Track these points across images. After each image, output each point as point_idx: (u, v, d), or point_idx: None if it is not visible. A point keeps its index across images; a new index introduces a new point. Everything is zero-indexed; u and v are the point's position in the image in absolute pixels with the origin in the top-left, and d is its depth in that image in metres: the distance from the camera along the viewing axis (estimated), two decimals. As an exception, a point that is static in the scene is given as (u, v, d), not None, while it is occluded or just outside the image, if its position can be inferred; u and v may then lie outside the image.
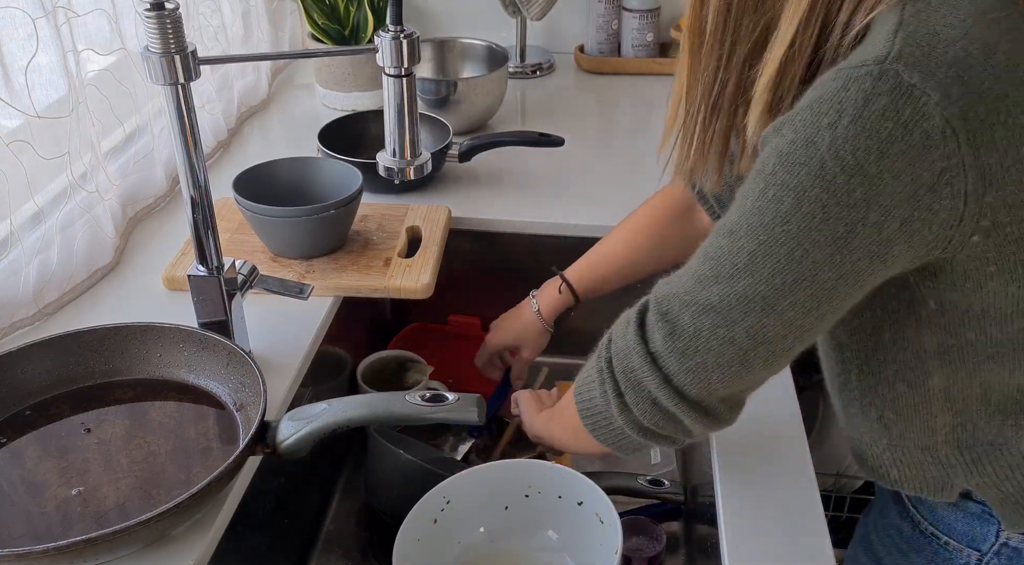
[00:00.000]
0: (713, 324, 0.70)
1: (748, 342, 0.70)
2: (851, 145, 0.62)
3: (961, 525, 0.84)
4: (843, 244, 0.65)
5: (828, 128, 0.62)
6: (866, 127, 0.61)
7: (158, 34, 0.78)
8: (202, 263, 0.92)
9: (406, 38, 0.83)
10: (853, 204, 0.63)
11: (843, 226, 0.64)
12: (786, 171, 0.65)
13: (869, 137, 0.61)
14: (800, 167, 0.64)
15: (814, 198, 0.64)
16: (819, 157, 0.63)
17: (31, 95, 0.99)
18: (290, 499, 1.07)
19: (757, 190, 0.67)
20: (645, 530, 1.09)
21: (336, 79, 1.61)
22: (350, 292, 1.12)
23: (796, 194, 0.64)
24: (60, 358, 0.91)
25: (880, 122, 0.61)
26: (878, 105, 0.61)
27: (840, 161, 0.62)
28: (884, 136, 0.61)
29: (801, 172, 0.64)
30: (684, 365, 0.72)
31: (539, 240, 1.31)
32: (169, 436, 0.86)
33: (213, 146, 1.45)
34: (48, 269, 1.05)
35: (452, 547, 0.96)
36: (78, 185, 1.09)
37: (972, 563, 0.84)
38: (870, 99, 0.61)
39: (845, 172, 0.62)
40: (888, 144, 0.61)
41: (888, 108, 0.61)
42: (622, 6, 1.80)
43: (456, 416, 0.82)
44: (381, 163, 0.93)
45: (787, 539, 0.81)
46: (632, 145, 1.54)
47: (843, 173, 0.62)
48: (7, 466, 0.82)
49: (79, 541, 0.69)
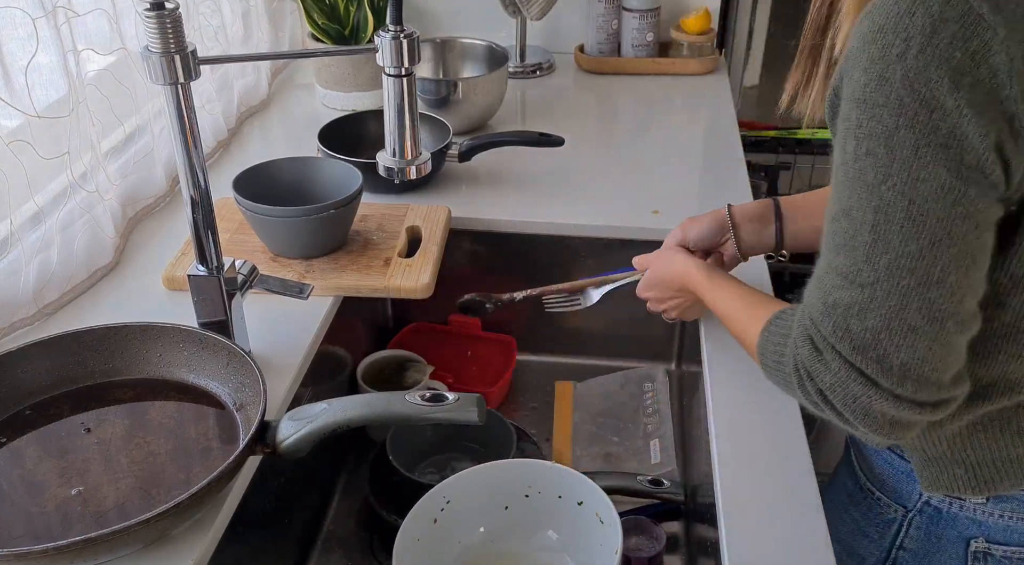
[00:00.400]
0: (885, 319, 0.65)
1: (929, 324, 0.65)
2: (923, 76, 0.60)
3: (892, 482, 0.89)
4: (952, 190, 0.61)
5: (898, 59, 0.60)
6: (936, 56, 0.59)
7: (158, 34, 0.78)
8: (202, 263, 0.92)
9: (406, 38, 0.83)
10: (943, 143, 0.61)
11: (944, 169, 0.61)
12: (869, 118, 0.62)
13: (940, 67, 0.59)
14: (881, 109, 0.61)
15: (903, 140, 0.61)
16: (896, 94, 0.61)
17: (31, 95, 0.99)
18: (290, 499, 1.07)
19: (851, 150, 0.64)
20: (645, 530, 1.09)
21: (336, 79, 1.61)
22: (350, 292, 1.12)
23: (886, 141, 0.62)
24: (60, 358, 0.90)
25: (950, 51, 0.59)
26: (947, 32, 0.59)
27: (916, 95, 0.60)
28: (955, 66, 0.59)
29: (883, 114, 0.61)
30: (892, 375, 0.67)
31: (539, 240, 1.31)
32: (169, 436, 0.86)
33: (213, 146, 1.45)
34: (48, 269, 1.05)
35: (452, 547, 0.96)
36: (78, 185, 1.09)
37: (899, 518, 0.89)
38: (938, 26, 0.59)
39: (925, 107, 0.60)
40: (959, 75, 0.59)
41: (957, 36, 0.59)
42: (622, 6, 1.80)
43: (456, 416, 0.82)
44: (381, 163, 0.93)
45: (787, 539, 0.81)
46: (632, 145, 1.54)
47: (924, 108, 0.60)
48: (7, 466, 0.82)
49: (79, 541, 0.69)
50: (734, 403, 0.96)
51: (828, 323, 0.68)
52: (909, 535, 0.90)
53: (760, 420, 0.94)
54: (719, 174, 1.44)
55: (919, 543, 0.89)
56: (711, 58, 1.82)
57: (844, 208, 0.66)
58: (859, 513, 0.94)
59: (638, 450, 1.25)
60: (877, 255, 0.64)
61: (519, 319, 1.40)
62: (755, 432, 0.92)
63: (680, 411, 1.31)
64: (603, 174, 1.43)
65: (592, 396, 1.35)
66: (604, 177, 1.42)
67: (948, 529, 0.87)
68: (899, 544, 0.91)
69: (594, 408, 1.33)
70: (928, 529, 0.88)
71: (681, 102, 1.72)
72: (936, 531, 0.87)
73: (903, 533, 0.90)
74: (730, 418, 0.94)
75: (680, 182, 1.41)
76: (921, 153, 0.61)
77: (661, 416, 1.28)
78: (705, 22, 1.80)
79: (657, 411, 1.29)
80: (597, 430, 1.30)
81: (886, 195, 0.63)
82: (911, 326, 0.65)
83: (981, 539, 0.85)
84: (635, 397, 1.32)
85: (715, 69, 1.83)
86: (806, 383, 0.72)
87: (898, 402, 0.67)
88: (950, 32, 0.59)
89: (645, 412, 1.30)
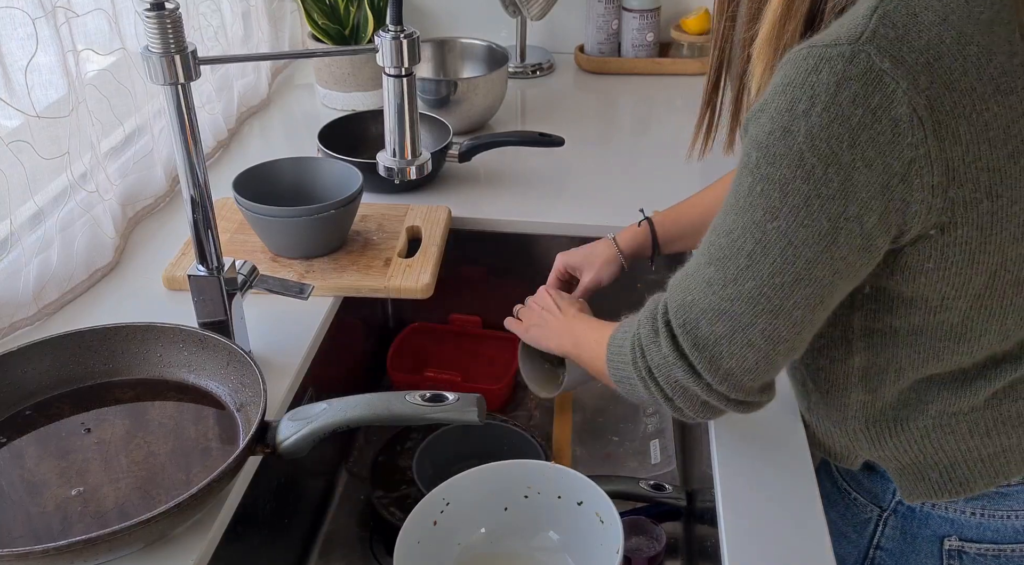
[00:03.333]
0: (730, 330, 0.72)
1: (766, 344, 0.72)
2: (825, 133, 0.63)
3: (868, 483, 0.91)
4: (830, 241, 0.66)
5: (803, 116, 0.63)
6: (839, 114, 0.62)
7: (158, 34, 0.78)
8: (202, 263, 0.92)
9: (406, 38, 0.83)
10: (832, 196, 0.65)
11: (827, 220, 0.65)
12: (768, 164, 0.66)
13: (841, 125, 0.63)
14: (781, 159, 0.65)
15: (797, 190, 0.65)
16: (797, 147, 0.64)
17: (31, 95, 0.99)
18: (290, 499, 1.07)
19: (746, 185, 0.68)
20: (645, 530, 1.09)
21: (336, 79, 1.61)
22: (350, 292, 1.12)
23: (780, 187, 0.66)
24: (60, 358, 0.90)
25: (851, 109, 0.62)
26: (849, 91, 0.62)
27: (816, 151, 0.64)
28: (855, 123, 0.62)
29: (783, 164, 0.65)
30: (717, 374, 0.74)
31: (539, 240, 1.31)
32: (169, 436, 0.86)
33: (213, 146, 1.45)
34: (48, 269, 1.05)
35: (452, 548, 0.96)
36: (78, 185, 1.08)
37: (874, 518, 0.92)
38: (841, 85, 0.62)
39: (822, 162, 0.64)
40: (859, 132, 0.63)
41: (858, 94, 0.62)
42: (622, 6, 1.80)
43: (456, 416, 0.82)
44: (381, 163, 0.93)
45: (787, 539, 0.81)
46: (632, 145, 1.54)
47: (820, 163, 0.64)
48: (7, 466, 0.82)
49: (79, 541, 0.69)
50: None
51: (680, 316, 0.75)
52: (885, 535, 0.91)
53: (760, 420, 0.94)
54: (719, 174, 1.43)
55: (895, 543, 0.91)
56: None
57: (728, 229, 0.70)
58: (836, 514, 0.95)
59: (638, 450, 1.25)
60: (744, 280, 0.70)
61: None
62: (755, 432, 0.92)
63: (680, 411, 1.31)
64: (603, 174, 1.43)
65: (592, 396, 1.35)
66: (604, 177, 1.42)
67: (922, 528, 0.88)
68: (876, 544, 0.93)
69: (594, 408, 1.33)
70: (903, 528, 0.90)
71: (681, 102, 1.72)
72: (911, 530, 0.89)
73: (879, 533, 0.92)
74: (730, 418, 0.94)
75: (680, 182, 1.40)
76: (810, 203, 0.65)
77: (661, 416, 1.28)
78: (705, 22, 1.80)
79: (657, 411, 1.29)
80: (597, 430, 1.30)
81: (770, 233, 0.67)
82: (750, 342, 0.72)
83: (955, 537, 0.87)
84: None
85: (715, 69, 1.83)
86: (639, 359, 0.79)
87: (712, 394, 0.75)
88: (852, 91, 0.62)
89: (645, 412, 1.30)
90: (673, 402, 0.78)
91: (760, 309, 0.70)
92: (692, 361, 0.74)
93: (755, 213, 0.68)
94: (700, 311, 0.73)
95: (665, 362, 0.76)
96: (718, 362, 0.73)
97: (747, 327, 0.71)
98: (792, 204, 0.66)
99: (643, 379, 0.79)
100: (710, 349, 0.73)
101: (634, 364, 0.80)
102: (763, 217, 0.67)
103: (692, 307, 0.74)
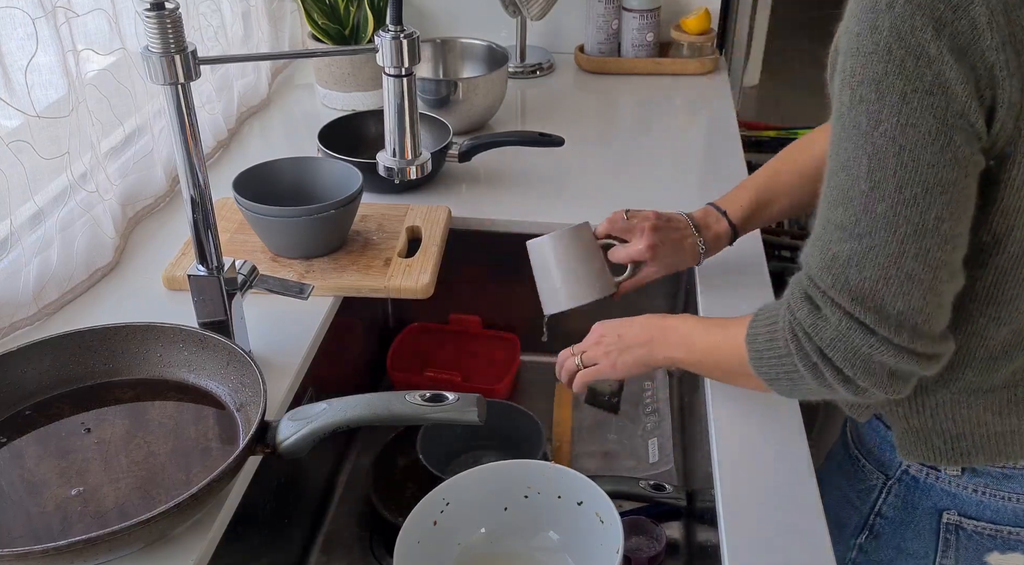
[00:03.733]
0: (883, 268, 0.69)
1: (925, 271, 0.68)
2: (909, 24, 0.63)
3: (877, 450, 0.92)
4: (945, 140, 0.65)
5: (887, 10, 0.64)
6: (921, 5, 0.63)
7: (158, 34, 0.78)
8: (202, 263, 0.92)
9: (406, 38, 0.83)
10: (928, 90, 0.64)
11: (932, 117, 0.65)
12: (861, 66, 0.66)
13: (924, 16, 0.63)
14: (871, 56, 0.65)
15: (891, 86, 0.65)
16: (884, 42, 0.64)
17: (31, 95, 0.99)
18: (290, 499, 1.07)
19: (845, 101, 0.68)
20: (645, 530, 1.09)
21: (336, 79, 1.61)
22: (350, 292, 1.12)
23: (876, 87, 0.65)
24: (60, 358, 0.90)
25: (932, 2, 0.63)
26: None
27: (903, 42, 0.64)
28: (937, 16, 0.63)
29: (873, 61, 0.65)
30: (889, 323, 0.70)
31: (539, 240, 1.31)
32: (169, 436, 0.86)
33: (213, 146, 1.45)
34: (48, 269, 1.05)
35: (452, 549, 0.96)
36: (78, 185, 1.08)
37: (879, 485, 0.93)
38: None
39: (911, 54, 0.64)
40: (941, 26, 0.63)
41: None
42: (622, 6, 1.80)
43: (456, 416, 0.82)
44: (381, 163, 0.93)
45: (787, 539, 0.81)
46: (632, 145, 1.54)
47: (910, 55, 0.64)
48: (7, 466, 0.82)
49: (79, 541, 0.69)
50: (734, 403, 0.96)
51: (827, 276, 0.71)
52: (887, 502, 0.93)
53: (760, 420, 0.94)
54: (719, 174, 1.44)
55: (896, 511, 0.92)
56: (711, 58, 1.82)
57: (842, 163, 0.69)
58: (845, 480, 0.97)
59: (636, 448, 1.25)
60: (873, 203, 0.67)
61: (520, 319, 1.40)
62: (755, 432, 0.92)
63: (680, 410, 1.31)
64: (603, 174, 1.43)
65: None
66: (604, 177, 1.42)
67: (923, 499, 0.89)
68: (877, 510, 0.94)
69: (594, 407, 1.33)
70: (905, 497, 0.91)
71: (681, 102, 1.72)
72: (912, 500, 0.90)
73: (882, 499, 0.93)
74: (730, 418, 0.94)
75: (680, 182, 1.41)
76: (908, 99, 0.65)
77: (660, 415, 1.28)
78: (705, 22, 1.80)
79: (656, 410, 1.29)
80: (596, 428, 1.30)
81: (878, 141, 0.66)
82: (908, 274, 0.68)
83: (954, 512, 0.88)
84: (635, 395, 1.32)
85: (715, 69, 1.83)
86: (804, 344, 0.74)
87: (896, 351, 0.70)
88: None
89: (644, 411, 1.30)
90: (854, 382, 0.73)
91: (902, 232, 0.67)
92: (861, 319, 0.70)
93: (859, 126, 0.67)
94: (845, 261, 0.70)
95: (839, 334, 0.72)
96: (885, 309, 0.69)
97: (898, 258, 0.68)
98: (890, 103, 0.65)
99: (812, 366, 0.74)
100: (871, 297, 0.69)
101: (799, 353, 0.75)
102: (868, 127, 0.66)
103: (835, 261, 0.71)
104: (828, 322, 0.72)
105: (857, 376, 0.73)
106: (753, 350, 0.81)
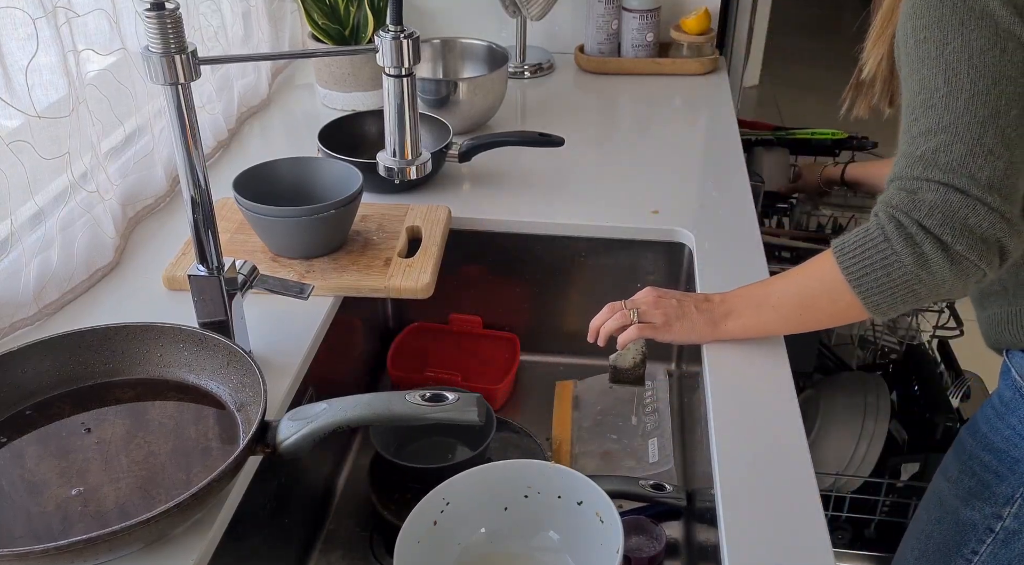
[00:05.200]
0: (968, 146, 0.80)
1: (1003, 148, 0.80)
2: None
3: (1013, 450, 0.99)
4: (1003, 47, 0.79)
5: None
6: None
7: (158, 34, 0.78)
8: (202, 263, 0.92)
9: (406, 38, 0.83)
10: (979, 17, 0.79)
11: (991, 32, 0.79)
12: (922, 14, 0.81)
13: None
14: (927, 8, 0.80)
15: (948, 21, 0.80)
16: None
17: (31, 95, 0.99)
18: (290, 499, 1.07)
19: (911, 46, 0.83)
20: (645, 530, 1.09)
21: (336, 79, 1.61)
22: (350, 292, 1.12)
23: (937, 23, 0.80)
24: (60, 358, 0.91)
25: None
26: None
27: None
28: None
29: (931, 10, 0.80)
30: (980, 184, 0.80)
31: (539, 240, 1.31)
32: (169, 436, 0.86)
33: (213, 146, 1.45)
34: (48, 269, 1.05)
35: (452, 549, 0.96)
36: (78, 185, 1.09)
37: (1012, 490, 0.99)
38: None
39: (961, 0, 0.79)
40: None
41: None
42: (622, 6, 1.80)
43: (456, 416, 0.82)
44: (381, 163, 0.93)
45: (787, 539, 0.81)
46: (632, 145, 1.54)
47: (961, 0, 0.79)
48: (7, 466, 0.82)
49: (79, 541, 0.69)
50: (734, 403, 0.96)
51: (919, 165, 0.83)
52: None
53: (760, 420, 0.94)
54: (719, 174, 1.44)
55: None
56: (711, 58, 1.82)
57: (917, 85, 0.83)
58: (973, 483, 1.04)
59: (636, 449, 1.25)
60: (954, 97, 0.80)
61: (520, 319, 1.40)
62: (755, 432, 0.92)
63: (680, 411, 1.31)
64: (603, 174, 1.43)
65: (592, 394, 1.35)
66: (604, 177, 1.42)
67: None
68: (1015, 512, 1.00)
69: (593, 407, 1.33)
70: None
71: (681, 102, 1.72)
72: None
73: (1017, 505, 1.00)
74: (730, 418, 0.94)
75: (680, 182, 1.41)
76: (966, 23, 0.79)
77: (660, 415, 1.28)
78: (705, 22, 1.80)
79: (656, 410, 1.29)
80: (596, 428, 1.30)
81: (949, 57, 0.80)
82: (990, 150, 0.80)
83: None
84: (635, 395, 1.32)
85: (715, 69, 1.83)
86: (904, 222, 0.83)
87: (988, 212, 0.81)
88: None
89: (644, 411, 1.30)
90: (951, 248, 0.81)
91: (981, 115, 0.79)
92: (956, 185, 0.80)
93: (929, 56, 0.81)
94: (933, 150, 0.81)
95: (936, 201, 0.81)
96: (976, 174, 0.80)
97: (980, 136, 0.79)
98: (952, 29, 0.79)
99: (910, 238, 0.83)
100: (961, 168, 0.80)
101: (898, 231, 0.83)
102: (936, 51, 0.80)
103: (924, 154, 0.82)
104: (924, 197, 0.82)
105: (955, 240, 0.81)
106: (844, 256, 0.88)
